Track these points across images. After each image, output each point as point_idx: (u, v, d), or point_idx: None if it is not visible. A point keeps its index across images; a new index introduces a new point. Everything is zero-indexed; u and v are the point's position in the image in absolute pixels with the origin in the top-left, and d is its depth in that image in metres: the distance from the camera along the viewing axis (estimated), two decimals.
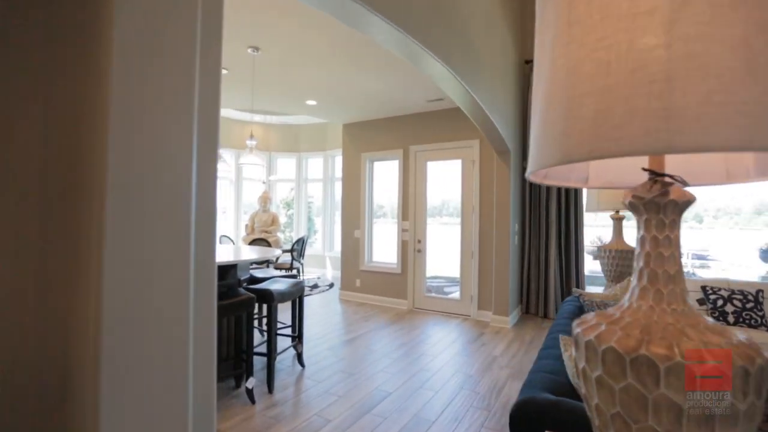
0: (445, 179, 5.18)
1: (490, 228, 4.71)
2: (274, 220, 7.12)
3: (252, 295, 2.52)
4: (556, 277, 4.84)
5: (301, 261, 7.08)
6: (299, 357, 3.15)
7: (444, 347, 3.75)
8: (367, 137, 5.75)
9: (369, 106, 5.08)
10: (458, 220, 4.98)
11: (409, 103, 4.94)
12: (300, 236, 7.10)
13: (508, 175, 4.44)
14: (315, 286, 6.77)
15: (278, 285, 2.92)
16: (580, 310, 2.62)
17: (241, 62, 3.73)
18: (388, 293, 5.47)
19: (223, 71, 3.95)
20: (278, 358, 3.26)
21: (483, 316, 4.73)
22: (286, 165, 8.83)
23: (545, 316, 4.86)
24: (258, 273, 3.67)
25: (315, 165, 8.73)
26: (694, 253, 9.16)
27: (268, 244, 6.15)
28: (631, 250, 3.18)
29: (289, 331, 3.54)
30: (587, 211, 3.45)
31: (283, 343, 3.55)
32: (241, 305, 2.43)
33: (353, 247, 5.84)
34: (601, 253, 3.33)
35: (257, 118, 8.12)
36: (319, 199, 8.73)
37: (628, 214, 4.46)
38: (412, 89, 4.40)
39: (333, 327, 4.37)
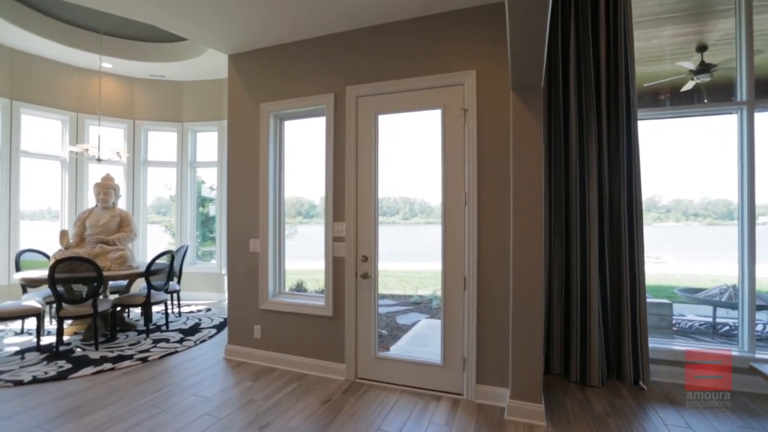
0: (413, 145, 2.94)
1: (500, 233, 2.56)
2: (123, 223, 4.35)
3: None
4: (598, 314, 2.85)
5: (171, 289, 4.41)
6: None
7: None
8: (271, 76, 3.30)
9: (272, 6, 2.66)
10: (437, 219, 2.76)
11: (346, 3, 2.61)
12: (169, 249, 4.41)
13: (539, 133, 2.32)
14: (193, 331, 4.14)
15: None
16: None
17: None
18: (311, 351, 3.10)
19: None
20: None
21: (488, 395, 2.57)
22: (161, 141, 5.99)
23: (584, 381, 2.85)
24: None
25: (207, 141, 6.02)
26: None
27: (97, 270, 3.44)
28: None
29: None
30: None
31: None
32: None
33: (248, 269, 3.36)
34: None
35: (106, 63, 5.21)
36: (216, 191, 6.04)
37: None
38: None
39: None
